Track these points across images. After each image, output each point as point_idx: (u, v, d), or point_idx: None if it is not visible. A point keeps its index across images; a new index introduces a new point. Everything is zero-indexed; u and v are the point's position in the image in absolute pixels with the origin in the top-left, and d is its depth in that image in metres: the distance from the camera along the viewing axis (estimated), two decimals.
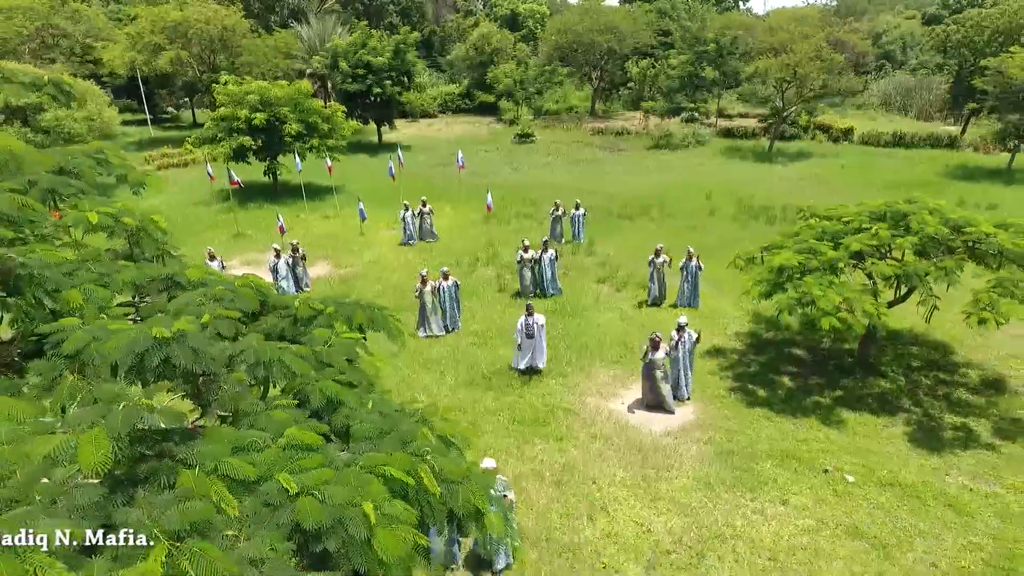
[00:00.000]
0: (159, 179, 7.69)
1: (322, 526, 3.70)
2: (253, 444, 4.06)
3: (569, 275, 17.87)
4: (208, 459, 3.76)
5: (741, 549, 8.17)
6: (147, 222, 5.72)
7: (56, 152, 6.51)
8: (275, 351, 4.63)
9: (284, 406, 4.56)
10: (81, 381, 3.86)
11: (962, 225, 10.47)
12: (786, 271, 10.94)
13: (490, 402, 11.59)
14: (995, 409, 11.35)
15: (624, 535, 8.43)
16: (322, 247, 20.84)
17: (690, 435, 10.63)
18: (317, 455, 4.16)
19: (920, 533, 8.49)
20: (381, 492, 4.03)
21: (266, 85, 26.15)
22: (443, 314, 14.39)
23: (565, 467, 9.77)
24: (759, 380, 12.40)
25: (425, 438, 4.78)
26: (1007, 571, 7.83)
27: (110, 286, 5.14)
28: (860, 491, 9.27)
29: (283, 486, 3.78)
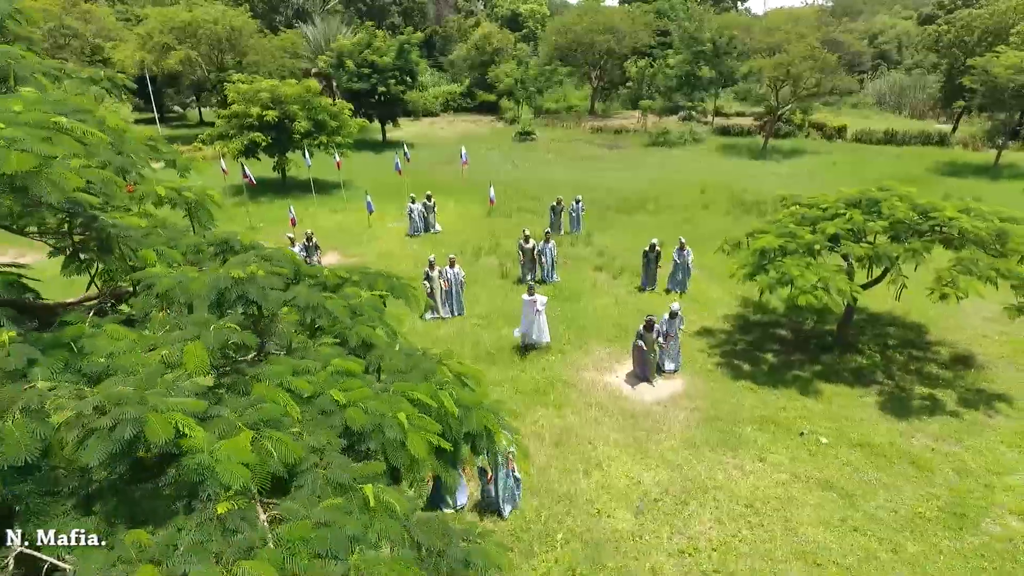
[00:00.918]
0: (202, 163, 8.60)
1: (365, 429, 4.62)
2: (307, 369, 4.98)
3: (568, 264, 18.79)
4: (273, 377, 4.68)
5: (721, 498, 9.09)
6: (203, 196, 6.62)
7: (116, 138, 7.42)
8: (320, 298, 5.55)
9: (328, 344, 5.50)
10: (167, 315, 4.77)
11: (929, 210, 11.38)
12: (767, 253, 11.85)
13: (494, 375, 12.51)
14: (962, 381, 12.27)
15: (616, 486, 9.34)
16: (331, 239, 21.75)
17: (678, 403, 11.55)
18: (358, 380, 5.08)
19: (884, 485, 9.41)
20: (411, 409, 4.95)
21: (277, 83, 27.07)
22: (450, 299, 15.30)
23: (563, 430, 10.69)
24: (744, 356, 13.31)
25: (443, 373, 5.72)
26: (958, 516, 8.74)
27: (177, 247, 6.08)
28: (832, 451, 10.19)
29: (334, 399, 4.71)
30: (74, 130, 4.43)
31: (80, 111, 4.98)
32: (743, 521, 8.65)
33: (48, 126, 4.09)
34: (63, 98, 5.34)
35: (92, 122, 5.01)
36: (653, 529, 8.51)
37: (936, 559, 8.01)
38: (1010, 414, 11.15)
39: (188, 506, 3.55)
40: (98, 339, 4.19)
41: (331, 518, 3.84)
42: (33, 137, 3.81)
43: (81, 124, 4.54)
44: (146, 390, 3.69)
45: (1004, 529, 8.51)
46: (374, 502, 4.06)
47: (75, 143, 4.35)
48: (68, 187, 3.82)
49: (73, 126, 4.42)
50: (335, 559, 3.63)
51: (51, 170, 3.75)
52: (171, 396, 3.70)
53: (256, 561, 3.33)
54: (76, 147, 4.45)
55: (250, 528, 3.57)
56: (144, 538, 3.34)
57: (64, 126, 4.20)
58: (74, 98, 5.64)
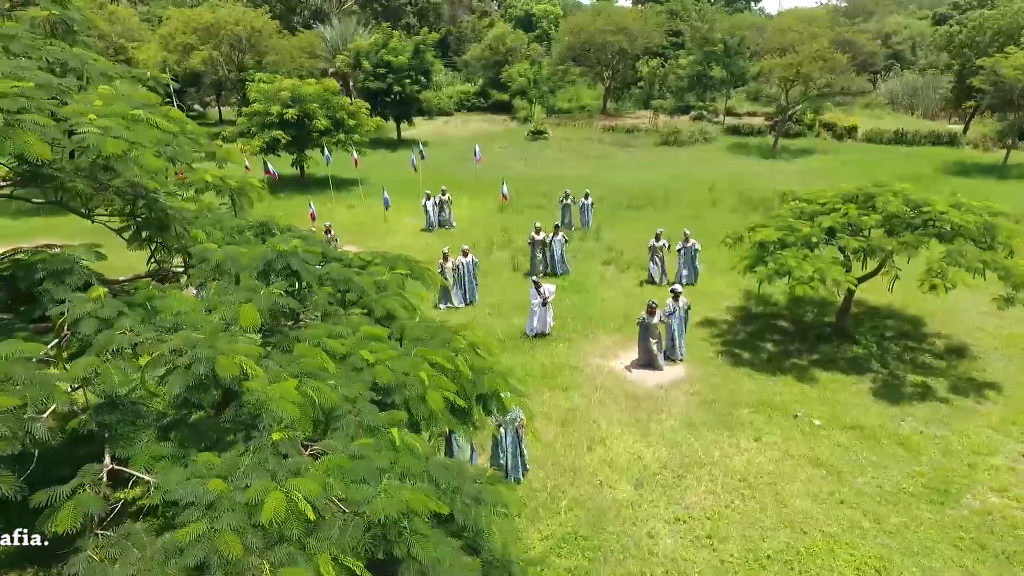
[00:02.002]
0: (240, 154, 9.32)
1: (391, 385, 5.30)
2: (340, 333, 5.67)
3: (577, 258, 19.41)
4: (312, 339, 5.37)
5: (716, 473, 9.68)
6: (245, 184, 7.34)
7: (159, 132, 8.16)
8: (350, 273, 6.26)
9: (357, 313, 6.19)
10: (220, 284, 5.48)
11: (921, 205, 11.88)
12: (767, 246, 12.41)
13: (505, 360, 13.11)
14: (954, 371, 12.74)
15: (618, 461, 9.97)
16: (348, 233, 22.52)
17: (679, 388, 12.14)
18: (384, 344, 5.77)
19: (872, 464, 9.95)
20: (430, 370, 5.62)
21: (297, 83, 27.93)
22: (462, 288, 16.00)
23: (569, 411, 11.33)
24: (745, 345, 13.87)
25: (459, 342, 6.39)
26: (941, 492, 9.27)
27: (222, 228, 6.81)
28: (825, 432, 10.74)
29: (364, 358, 5.39)
30: (148, 120, 5.14)
31: (147, 105, 5.70)
32: (736, 493, 9.24)
33: (128, 117, 4.79)
34: (131, 94, 6.05)
35: (158, 114, 5.72)
36: (651, 499, 9.13)
37: (916, 529, 8.55)
38: (998, 401, 11.63)
39: (247, 436, 4.25)
40: (166, 300, 4.90)
41: (364, 453, 4.54)
42: (119, 126, 4.51)
43: (152, 116, 5.25)
44: (215, 340, 4.39)
45: (983, 504, 9.03)
46: (399, 443, 4.74)
47: (152, 131, 5.06)
48: (152, 168, 4.52)
49: (147, 117, 5.13)
50: (367, 484, 4.30)
51: (137, 153, 4.45)
52: (239, 345, 4.40)
53: (304, 479, 4.01)
54: (153, 135, 5.18)
55: (297, 454, 4.26)
56: (213, 459, 4.05)
57: (140, 117, 4.90)
58: (139, 94, 6.36)
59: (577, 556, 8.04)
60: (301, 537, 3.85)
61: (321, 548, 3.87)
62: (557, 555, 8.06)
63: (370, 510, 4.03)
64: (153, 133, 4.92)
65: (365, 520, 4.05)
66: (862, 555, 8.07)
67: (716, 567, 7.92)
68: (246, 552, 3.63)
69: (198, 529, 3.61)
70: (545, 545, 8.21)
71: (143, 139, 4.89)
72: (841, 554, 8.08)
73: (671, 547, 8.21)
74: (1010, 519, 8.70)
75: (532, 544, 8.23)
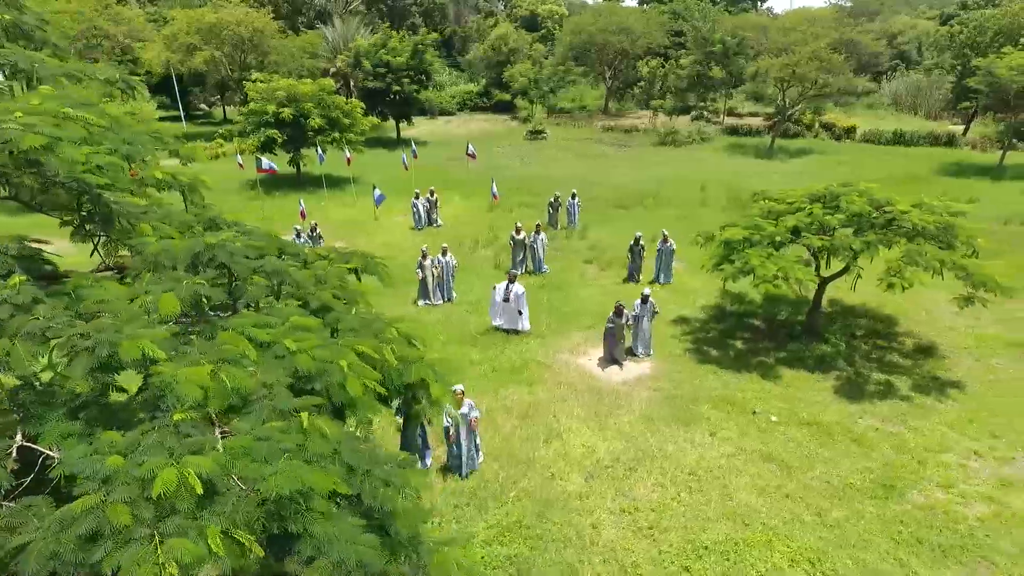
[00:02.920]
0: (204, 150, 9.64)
1: (312, 372, 5.55)
2: (268, 323, 5.93)
3: (560, 256, 19.62)
4: (238, 327, 5.64)
5: (667, 466, 9.87)
6: (196, 180, 7.63)
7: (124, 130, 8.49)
8: (284, 266, 6.51)
9: (290, 304, 6.45)
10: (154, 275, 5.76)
11: (884, 204, 11.97)
12: (732, 245, 12.56)
13: (475, 356, 13.41)
14: (919, 369, 12.83)
15: (573, 454, 10.18)
16: (340, 230, 22.88)
17: (643, 384, 12.33)
18: (312, 334, 6.02)
19: (823, 460, 10.09)
20: (354, 358, 5.87)
21: (293, 82, 28.32)
22: (441, 286, 16.25)
23: (531, 405, 11.55)
24: (714, 343, 14.02)
25: (390, 333, 6.64)
26: (887, 487, 9.41)
27: (171, 223, 7.10)
28: (781, 428, 10.89)
29: (287, 346, 5.65)
30: (78, 118, 5.44)
31: (86, 104, 6.01)
32: (684, 486, 9.43)
33: (57, 115, 5.08)
34: (71, 94, 6.36)
35: (96, 112, 6.02)
36: (600, 491, 9.33)
37: (857, 523, 8.70)
38: (959, 399, 11.71)
39: (153, 417, 4.52)
40: (93, 290, 5.20)
41: (270, 435, 4.78)
42: (44, 123, 4.80)
43: (84, 113, 5.54)
44: (125, 326, 4.67)
45: (928, 499, 9.16)
46: (307, 425, 4.99)
47: (80, 128, 5.36)
48: (73, 163, 4.81)
49: (76, 114, 5.43)
50: (268, 463, 4.55)
51: (59, 148, 4.74)
52: (143, 330, 4.68)
53: (202, 457, 4.28)
54: (81, 132, 5.47)
55: (201, 434, 4.52)
56: (116, 437, 4.33)
57: (70, 115, 5.19)
58: (81, 93, 6.67)
59: (519, 544, 8.27)
60: (194, 511, 4.12)
61: (213, 521, 4.13)
62: (500, 543, 8.29)
63: (263, 487, 4.29)
64: (80, 129, 5.21)
65: (259, 496, 4.32)
66: (798, 547, 8.24)
67: (653, 556, 8.12)
68: (136, 522, 3.91)
69: (92, 501, 3.88)
70: (489, 533, 8.44)
71: (71, 135, 5.18)
72: (778, 546, 8.26)
73: (612, 537, 8.42)
74: (951, 514, 8.82)
75: (477, 532, 8.47)
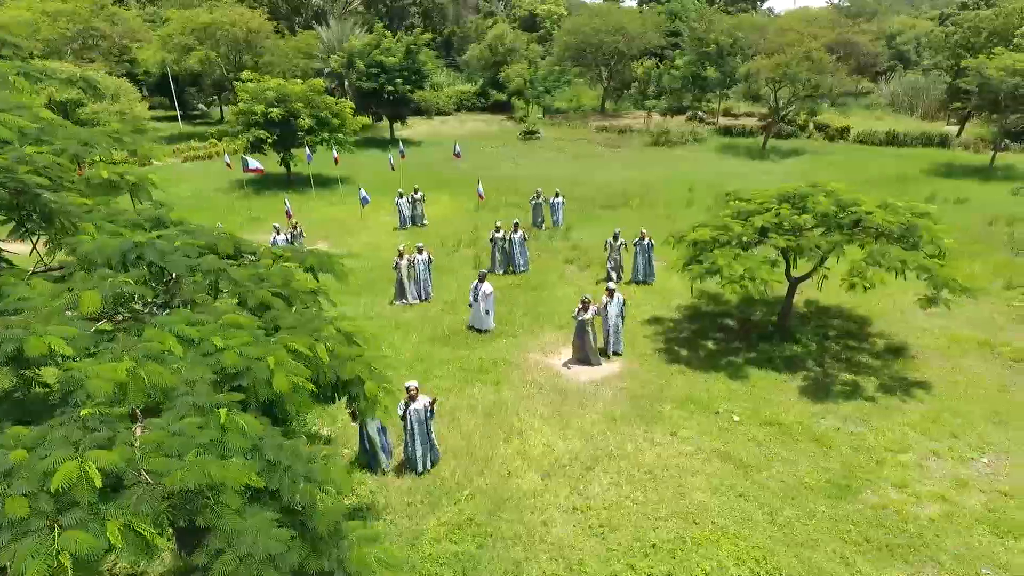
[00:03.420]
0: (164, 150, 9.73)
1: (238, 368, 5.63)
2: (200, 320, 6.01)
3: (541, 256, 19.68)
4: (166, 325, 5.72)
5: (624, 465, 9.91)
6: (143, 179, 7.72)
7: (83, 130, 8.59)
8: (223, 264, 6.59)
9: (227, 302, 6.53)
10: (86, 273, 5.85)
11: (850, 205, 11.99)
12: (700, 245, 12.59)
13: (445, 355, 13.48)
14: (888, 370, 12.83)
15: (532, 453, 10.23)
16: (325, 229, 23.01)
17: (610, 383, 12.37)
18: (244, 331, 6.09)
19: (781, 459, 10.12)
20: (284, 355, 5.94)
21: (282, 82, 28.46)
22: (417, 285, 16.33)
23: (496, 403, 11.60)
24: (685, 343, 14.05)
25: (328, 331, 6.72)
26: (841, 487, 9.43)
27: (116, 222, 7.18)
28: (742, 428, 10.91)
29: (214, 343, 5.72)
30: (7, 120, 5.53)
31: (19, 107, 6.11)
32: (639, 485, 9.47)
33: None
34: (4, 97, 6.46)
35: (28, 116, 6.13)
36: (555, 490, 9.38)
37: (807, 522, 8.72)
38: (924, 400, 11.71)
39: (62, 412, 4.60)
40: (18, 288, 5.29)
41: (185, 430, 4.85)
42: None
43: (7, 115, 5.64)
44: (41, 324, 4.76)
45: (881, 499, 9.17)
46: (225, 421, 5.06)
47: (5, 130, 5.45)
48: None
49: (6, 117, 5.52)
50: (178, 458, 4.63)
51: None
52: (57, 327, 4.76)
53: (107, 452, 4.35)
54: (8, 134, 5.57)
55: (112, 429, 4.60)
56: (22, 431, 4.41)
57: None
58: (15, 96, 6.77)
59: (467, 542, 8.32)
60: (97, 504, 4.20)
61: (114, 514, 4.21)
62: (449, 540, 8.35)
63: (168, 480, 4.37)
64: (6, 132, 5.32)
65: (164, 490, 4.39)
66: (746, 546, 8.27)
67: (600, 554, 8.17)
68: (35, 515, 3.98)
69: None
70: (439, 530, 8.50)
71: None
72: (726, 544, 8.29)
73: (561, 535, 8.47)
74: (903, 514, 8.84)
75: (427, 529, 8.53)
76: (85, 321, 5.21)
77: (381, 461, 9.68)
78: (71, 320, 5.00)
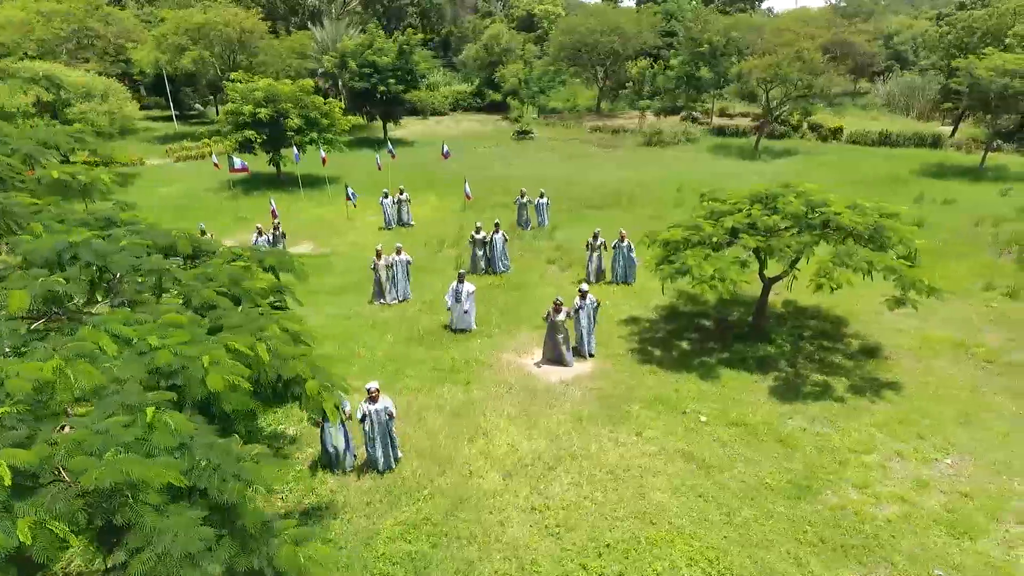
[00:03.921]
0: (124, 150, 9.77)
1: (172, 367, 5.65)
2: (139, 320, 6.05)
3: (524, 256, 19.69)
4: (102, 324, 5.75)
5: (586, 465, 9.92)
6: (95, 179, 7.77)
7: (42, 130, 8.66)
8: (166, 263, 6.63)
9: (169, 302, 6.56)
10: (24, 272, 5.89)
11: (819, 205, 11.98)
12: (671, 245, 12.59)
13: (419, 355, 13.50)
14: (860, 371, 12.81)
15: (495, 453, 10.24)
16: (310, 230, 23.07)
17: (580, 383, 12.38)
18: (183, 330, 6.12)
19: (745, 460, 10.11)
20: (222, 354, 5.97)
21: (272, 82, 28.51)
22: (395, 285, 16.36)
23: (465, 403, 11.62)
24: (660, 343, 14.05)
25: (272, 330, 6.74)
26: (802, 488, 9.42)
27: (66, 222, 7.23)
28: (708, 428, 10.91)
29: (149, 342, 5.75)
30: None
31: None
32: (599, 485, 9.47)
33: None
34: None
35: None
36: (515, 489, 9.39)
37: (764, 523, 8.72)
38: (893, 401, 11.69)
39: None
40: None
41: (108, 428, 4.88)
42: None
43: None
44: None
45: (840, 499, 9.16)
46: (152, 419, 5.08)
47: None
48: None
49: None
50: (98, 456, 4.65)
51: None
52: None
53: (22, 450, 4.38)
54: None
55: (29, 428, 4.63)
56: None
57: None
58: None
59: (422, 541, 8.34)
60: (9, 501, 4.23)
61: (27, 512, 4.24)
62: (404, 540, 8.37)
63: (84, 479, 4.39)
64: None
65: (80, 488, 4.42)
66: (700, 546, 8.27)
67: (555, 554, 8.18)
68: None
69: None
70: (395, 530, 8.52)
71: None
72: (680, 545, 8.29)
73: (517, 535, 8.48)
74: (861, 514, 8.83)
75: (383, 528, 8.55)
76: (15, 321, 5.25)
77: (342, 461, 9.70)
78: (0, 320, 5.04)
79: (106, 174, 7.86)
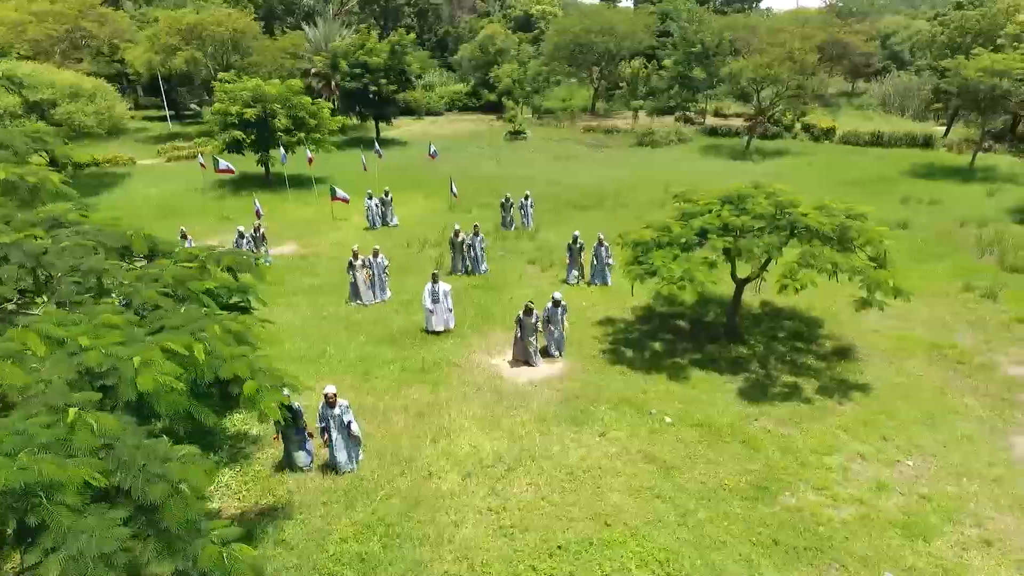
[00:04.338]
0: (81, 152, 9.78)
1: (102, 367, 5.66)
2: (74, 320, 6.06)
3: (506, 257, 19.69)
4: (33, 324, 5.76)
5: (547, 466, 9.90)
6: (44, 179, 7.78)
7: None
8: (106, 265, 6.63)
9: (109, 303, 6.57)
10: None
11: (787, 206, 11.95)
12: (640, 246, 12.58)
13: (389, 355, 13.50)
14: (831, 372, 12.78)
15: (457, 454, 10.24)
16: (295, 230, 23.09)
17: (549, 384, 12.36)
18: (118, 331, 6.12)
19: (707, 461, 10.09)
20: (156, 354, 5.96)
21: (260, 83, 28.55)
22: (373, 287, 16.36)
23: (431, 404, 11.61)
24: (633, 344, 14.03)
25: (212, 330, 6.73)
26: (760, 489, 9.40)
27: (12, 223, 7.24)
28: (673, 429, 10.89)
29: (80, 343, 5.76)
30: None
31: None
32: (558, 486, 9.46)
33: None
34: None
35: None
36: (473, 490, 9.38)
37: (719, 524, 8.70)
38: (861, 402, 11.67)
39: None
40: None
41: (27, 429, 4.88)
42: None
43: None
44: None
45: (799, 501, 9.14)
46: (73, 419, 5.09)
47: None
48: None
49: None
50: (11, 457, 4.65)
51: None
52: None
53: None
54: None
55: None
56: None
57: None
58: None
59: (374, 542, 8.34)
60: None
61: None
62: (356, 540, 8.36)
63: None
64: None
65: None
66: (652, 547, 8.25)
67: (506, 555, 8.17)
68: None
69: None
70: (348, 531, 8.52)
71: None
72: (632, 546, 8.28)
73: (470, 536, 8.47)
74: (817, 516, 8.81)
75: (336, 528, 8.55)
76: None
77: (300, 461, 9.70)
78: None
79: (56, 175, 7.87)
